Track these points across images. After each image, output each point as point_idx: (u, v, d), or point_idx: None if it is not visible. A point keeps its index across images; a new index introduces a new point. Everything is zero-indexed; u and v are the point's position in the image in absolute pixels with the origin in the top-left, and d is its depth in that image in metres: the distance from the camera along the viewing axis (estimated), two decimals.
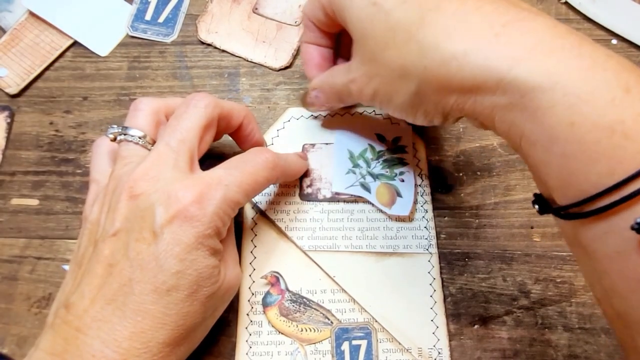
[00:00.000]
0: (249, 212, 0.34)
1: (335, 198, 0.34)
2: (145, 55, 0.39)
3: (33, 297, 0.32)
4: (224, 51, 0.39)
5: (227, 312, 0.31)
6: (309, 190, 0.34)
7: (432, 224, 0.33)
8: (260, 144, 0.33)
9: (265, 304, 0.31)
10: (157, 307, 0.24)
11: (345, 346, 0.30)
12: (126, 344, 0.23)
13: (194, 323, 0.25)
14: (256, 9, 0.40)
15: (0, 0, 0.40)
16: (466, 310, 0.32)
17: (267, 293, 0.32)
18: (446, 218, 0.34)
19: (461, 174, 0.35)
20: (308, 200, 0.34)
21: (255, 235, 0.33)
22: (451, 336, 0.31)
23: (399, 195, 0.34)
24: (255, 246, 0.33)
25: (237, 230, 0.33)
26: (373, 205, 0.33)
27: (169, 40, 0.39)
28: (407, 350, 0.30)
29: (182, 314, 0.25)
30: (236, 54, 0.39)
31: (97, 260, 0.25)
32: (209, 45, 0.39)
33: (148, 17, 0.40)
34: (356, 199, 0.34)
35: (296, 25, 0.39)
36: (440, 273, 0.32)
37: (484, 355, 0.30)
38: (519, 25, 0.21)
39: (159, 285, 0.24)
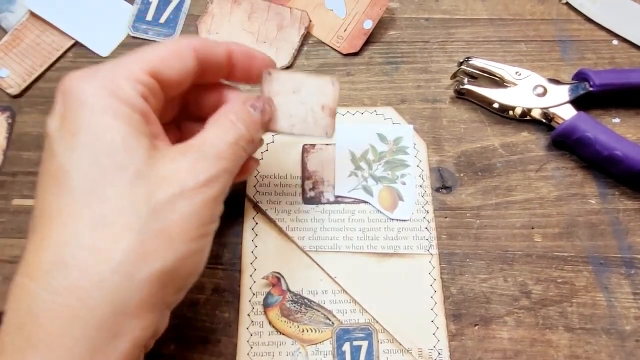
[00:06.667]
0: (250, 212, 0.34)
1: (337, 201, 0.34)
2: None
3: None
4: None
5: (228, 312, 0.31)
6: (312, 194, 0.34)
7: (433, 224, 0.33)
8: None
9: (266, 305, 0.31)
10: None
11: (347, 347, 0.30)
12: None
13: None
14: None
15: (1, 1, 0.40)
16: (467, 311, 0.32)
17: (269, 294, 0.32)
18: (447, 219, 0.34)
19: (462, 175, 0.35)
20: (311, 204, 0.34)
21: (257, 235, 0.33)
22: (452, 337, 0.31)
23: (400, 199, 0.34)
24: (257, 246, 0.33)
25: (238, 230, 0.33)
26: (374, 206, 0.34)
27: None
28: (408, 351, 0.30)
29: None
30: None
31: None
32: None
33: (149, 17, 0.40)
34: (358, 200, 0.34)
35: None
36: (441, 274, 0.32)
37: (485, 356, 0.30)
38: None
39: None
